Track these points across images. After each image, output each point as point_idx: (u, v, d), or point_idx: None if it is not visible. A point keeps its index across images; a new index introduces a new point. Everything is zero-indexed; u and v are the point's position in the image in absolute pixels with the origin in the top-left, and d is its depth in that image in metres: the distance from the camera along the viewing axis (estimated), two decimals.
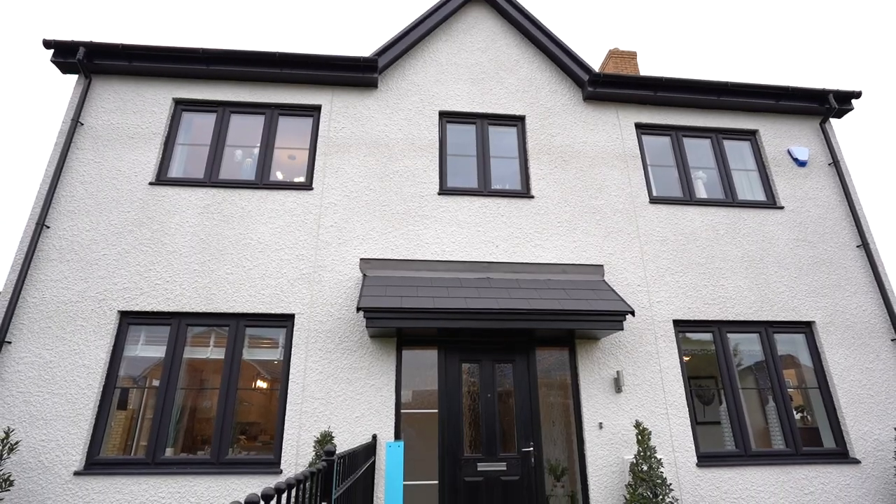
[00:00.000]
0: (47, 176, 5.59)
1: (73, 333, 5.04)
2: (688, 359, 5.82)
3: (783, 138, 7.02)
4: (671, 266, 6.06)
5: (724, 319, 5.87)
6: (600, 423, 5.27)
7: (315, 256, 5.63)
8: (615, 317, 5.07)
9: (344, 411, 5.05)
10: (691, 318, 5.83)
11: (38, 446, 4.64)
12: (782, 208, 6.54)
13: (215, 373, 5.21)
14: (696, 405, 5.63)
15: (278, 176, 6.22)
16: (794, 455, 5.40)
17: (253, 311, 5.33)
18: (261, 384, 5.53)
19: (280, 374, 5.22)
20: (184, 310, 5.26)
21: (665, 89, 6.82)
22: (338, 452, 3.15)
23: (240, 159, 6.21)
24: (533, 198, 6.23)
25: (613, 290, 5.51)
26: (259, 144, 6.24)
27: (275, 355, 5.43)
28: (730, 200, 6.58)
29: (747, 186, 6.82)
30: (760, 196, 6.73)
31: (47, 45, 5.94)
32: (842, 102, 7.04)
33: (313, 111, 6.47)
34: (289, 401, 5.04)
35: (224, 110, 6.36)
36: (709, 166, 6.86)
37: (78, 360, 4.95)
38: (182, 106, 6.32)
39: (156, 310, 5.24)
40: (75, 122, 5.85)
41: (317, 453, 4.63)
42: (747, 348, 5.95)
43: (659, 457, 4.89)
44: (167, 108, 6.18)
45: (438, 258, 5.78)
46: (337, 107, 6.44)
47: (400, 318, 4.84)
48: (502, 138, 6.69)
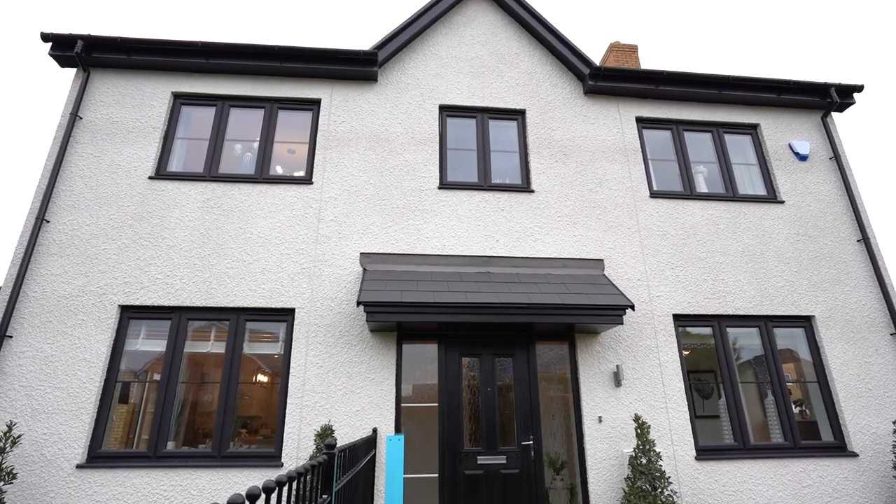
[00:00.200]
0: (46, 170, 5.58)
1: (73, 328, 5.05)
2: (687, 353, 5.83)
3: (784, 132, 6.99)
4: (671, 260, 6.06)
5: (724, 314, 5.88)
6: (600, 417, 5.29)
7: (315, 251, 5.63)
8: (615, 311, 5.08)
9: (344, 405, 5.07)
10: (691, 313, 5.84)
11: (41, 439, 4.66)
12: (783, 202, 6.53)
13: (216, 367, 5.23)
14: (696, 399, 5.65)
15: (278, 170, 6.20)
16: (793, 448, 5.43)
17: (253, 306, 5.34)
18: (261, 378, 5.55)
19: (280, 369, 5.24)
20: (184, 304, 5.27)
21: (666, 83, 6.79)
22: (338, 446, 3.16)
23: (239, 153, 6.20)
24: (533, 192, 6.22)
25: (613, 285, 5.51)
26: (259, 138, 6.22)
27: (275, 349, 5.45)
28: (730, 195, 6.57)
29: (748, 181, 6.81)
30: (761, 190, 6.72)
31: (45, 38, 5.91)
32: (843, 96, 7.02)
33: (313, 105, 6.44)
34: (289, 395, 5.06)
35: (223, 104, 6.33)
36: (709, 160, 6.84)
37: (79, 355, 4.97)
38: (181, 100, 6.29)
39: (156, 304, 5.25)
40: (74, 116, 5.83)
41: (317, 447, 4.65)
42: (747, 342, 5.96)
43: (658, 450, 4.92)
44: (166, 101, 6.16)
45: (438, 252, 5.78)
46: (337, 101, 6.41)
47: (400, 312, 4.85)
48: (503, 132, 6.66)
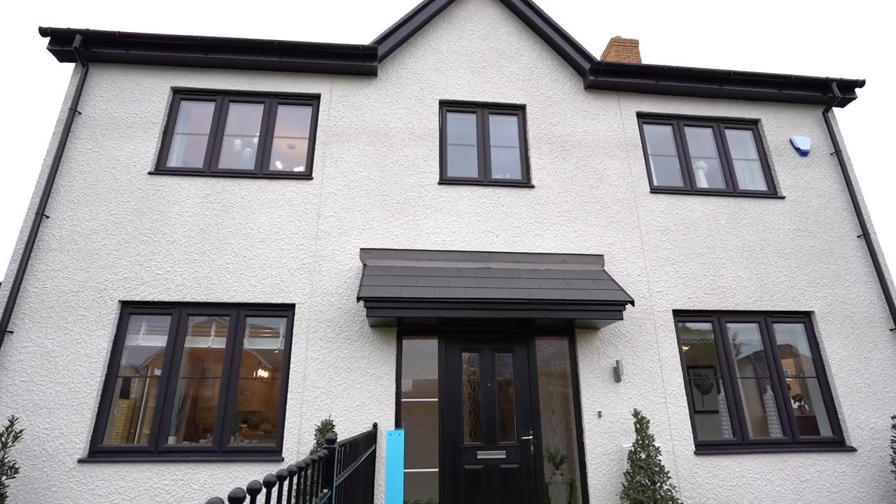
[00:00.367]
0: (46, 166, 5.57)
1: (74, 323, 5.06)
2: (687, 348, 5.84)
3: (785, 128, 6.97)
4: (671, 256, 6.06)
5: (724, 309, 5.89)
6: (599, 412, 5.31)
7: (315, 246, 5.63)
8: (615, 306, 5.08)
9: (345, 400, 5.09)
10: (691, 308, 5.85)
11: (42, 434, 4.68)
12: (783, 198, 6.52)
13: (217, 362, 5.24)
14: (695, 394, 5.67)
15: (278, 165, 6.19)
16: (792, 443, 5.45)
17: (253, 301, 5.34)
18: (262, 373, 5.56)
19: (281, 364, 5.25)
20: (184, 299, 5.27)
21: (667, 78, 6.76)
22: (339, 441, 3.17)
23: (239, 149, 6.18)
24: (533, 187, 6.21)
25: (613, 280, 5.52)
26: (258, 134, 6.20)
27: (276, 345, 5.46)
28: (731, 190, 6.56)
29: (748, 176, 6.79)
30: (762, 186, 6.71)
31: (43, 32, 5.88)
32: (845, 91, 6.99)
33: (312, 100, 6.42)
34: (290, 390, 5.07)
35: (223, 99, 6.31)
36: (710, 156, 6.82)
37: (80, 350, 4.98)
38: (180, 95, 6.27)
39: (156, 299, 5.25)
40: (73, 112, 5.81)
41: (318, 441, 4.67)
42: (746, 338, 5.97)
43: (657, 445, 4.93)
44: (165, 96, 6.14)
45: (438, 248, 5.77)
46: (336, 96, 6.39)
47: (400, 307, 4.85)
48: (503, 127, 6.64)
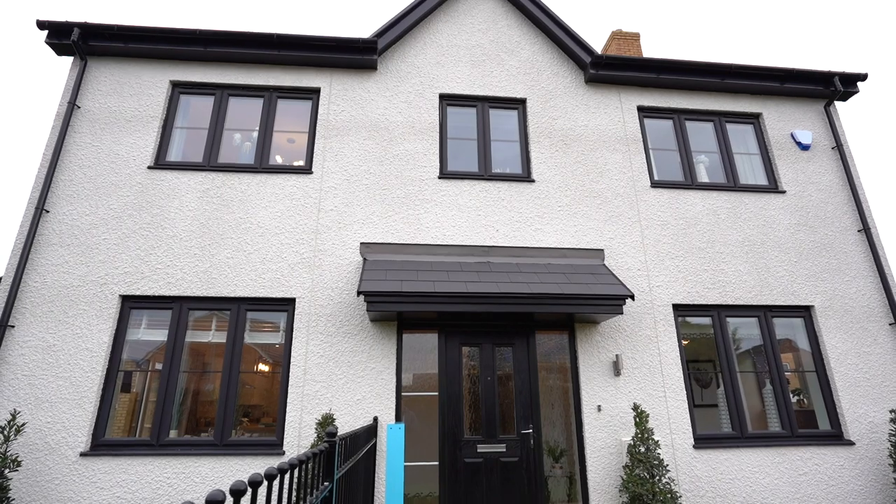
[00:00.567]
0: (45, 160, 5.56)
1: (75, 317, 5.07)
2: (686, 342, 5.86)
3: (787, 122, 6.95)
4: (671, 250, 6.05)
5: (724, 304, 5.89)
6: (599, 406, 5.33)
7: (315, 240, 5.63)
8: (615, 301, 5.09)
9: (345, 394, 5.11)
10: (691, 303, 5.85)
11: (45, 428, 4.70)
12: (784, 192, 6.51)
13: (217, 356, 5.26)
14: (694, 388, 5.69)
15: (277, 160, 6.18)
16: (790, 437, 5.48)
17: (254, 296, 5.35)
18: (262, 367, 5.58)
19: (281, 358, 5.27)
20: (185, 294, 5.28)
21: (668, 72, 6.73)
22: (339, 434, 3.19)
23: (238, 143, 6.16)
24: (534, 182, 6.20)
25: (613, 275, 5.52)
26: (258, 128, 6.18)
27: (276, 339, 5.47)
28: (731, 185, 6.55)
29: (749, 170, 6.78)
30: (762, 180, 6.69)
31: (41, 25, 5.85)
32: (847, 85, 6.96)
33: (312, 94, 6.40)
34: (290, 384, 5.09)
35: (222, 93, 6.29)
36: (711, 150, 6.80)
37: (81, 344, 4.99)
38: (180, 89, 6.25)
39: (157, 294, 5.26)
40: (72, 106, 5.79)
41: (318, 435, 4.69)
42: (746, 332, 5.98)
43: (656, 438, 4.96)
44: (164, 90, 6.11)
45: (439, 242, 5.77)
46: (336, 89, 6.36)
47: (400, 301, 4.86)
48: (503, 121, 6.62)
